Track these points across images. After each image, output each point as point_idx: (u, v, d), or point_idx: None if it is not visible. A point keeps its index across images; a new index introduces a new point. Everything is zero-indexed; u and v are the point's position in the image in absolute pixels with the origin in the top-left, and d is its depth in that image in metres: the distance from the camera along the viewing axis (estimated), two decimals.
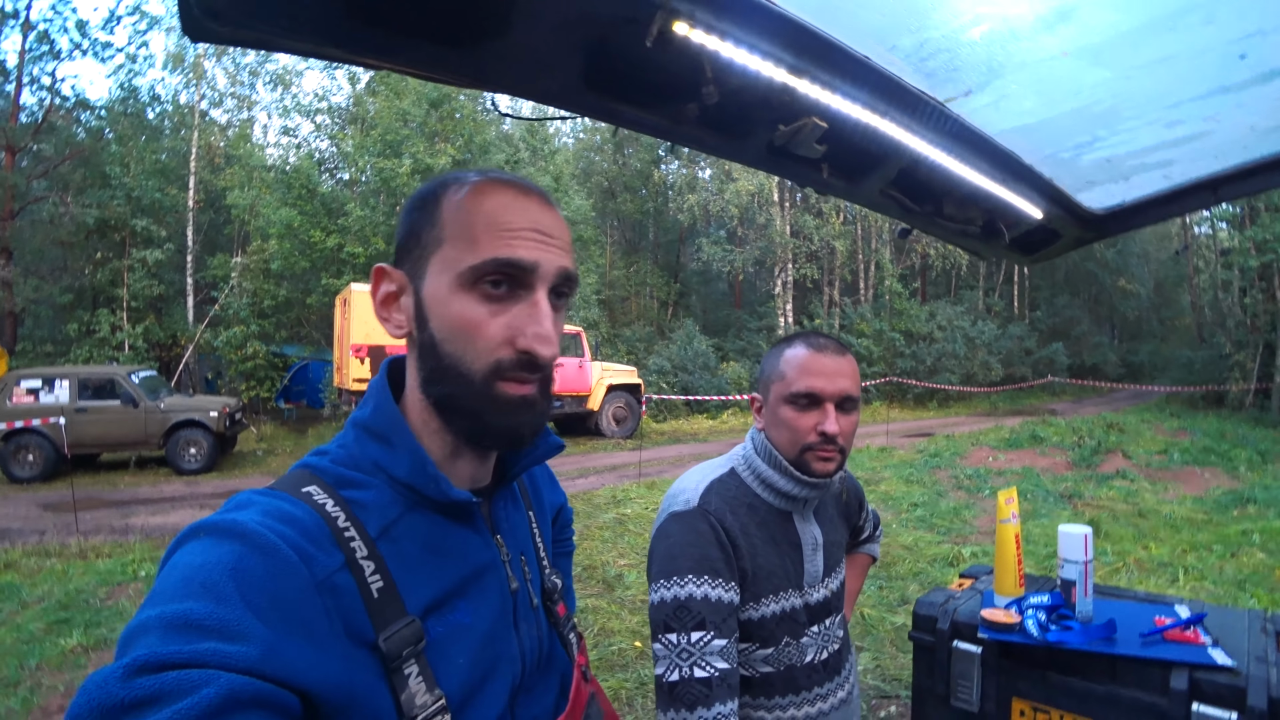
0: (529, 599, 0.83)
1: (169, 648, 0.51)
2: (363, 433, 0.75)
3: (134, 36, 17.86)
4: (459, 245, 0.70)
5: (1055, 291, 32.88)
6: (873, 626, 4.42)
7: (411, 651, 0.64)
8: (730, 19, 1.08)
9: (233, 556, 0.57)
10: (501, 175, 0.75)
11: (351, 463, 0.72)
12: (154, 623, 0.53)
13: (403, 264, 0.75)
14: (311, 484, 0.68)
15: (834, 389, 1.23)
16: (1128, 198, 2.10)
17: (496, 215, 0.71)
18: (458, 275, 0.70)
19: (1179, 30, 1.20)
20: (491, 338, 0.70)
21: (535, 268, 0.71)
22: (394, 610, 0.65)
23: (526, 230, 0.71)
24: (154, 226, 16.22)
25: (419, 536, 0.71)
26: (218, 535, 0.59)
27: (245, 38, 1.00)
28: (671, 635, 1.14)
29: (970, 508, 7.74)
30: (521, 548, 0.85)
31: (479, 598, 0.74)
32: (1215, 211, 21.33)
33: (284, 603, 0.57)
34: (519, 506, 0.89)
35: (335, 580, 0.62)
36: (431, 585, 0.70)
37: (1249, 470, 9.63)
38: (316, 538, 0.63)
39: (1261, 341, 18.74)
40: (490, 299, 0.70)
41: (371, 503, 0.69)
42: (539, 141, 20.32)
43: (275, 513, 0.63)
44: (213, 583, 0.55)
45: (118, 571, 5.62)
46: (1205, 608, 1.87)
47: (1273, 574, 5.39)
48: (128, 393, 10.21)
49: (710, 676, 1.11)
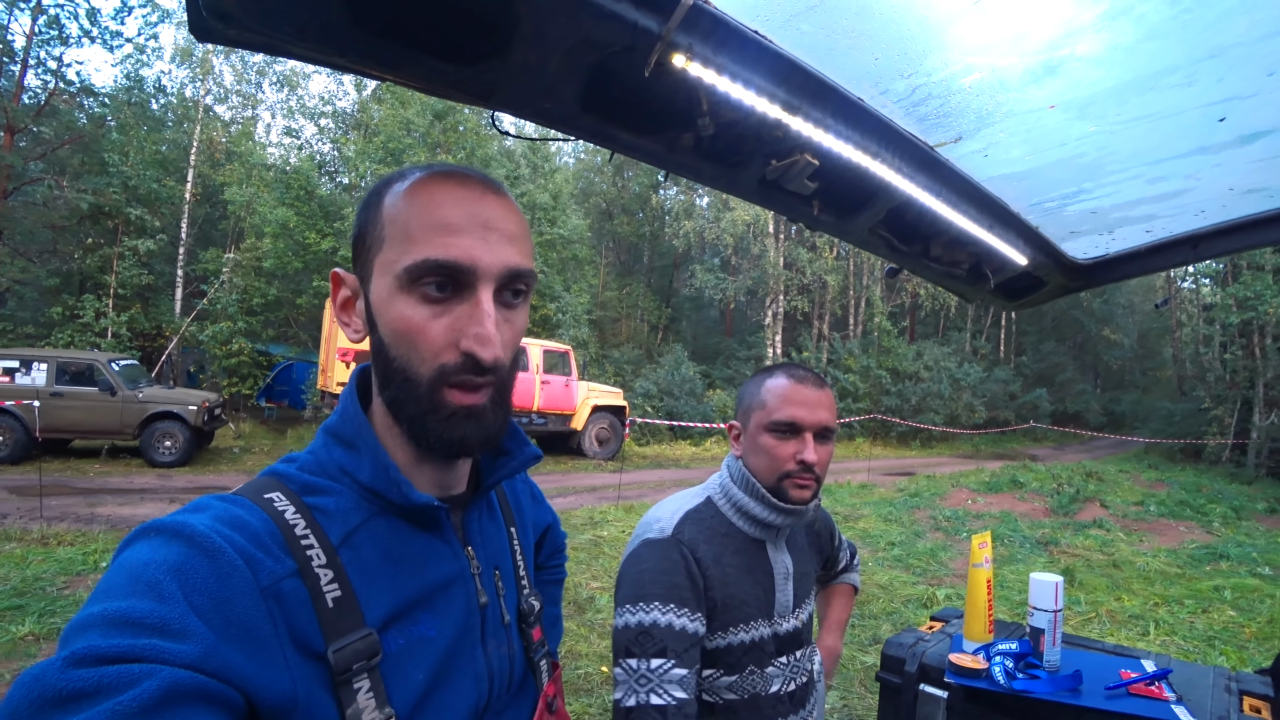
0: (500, 615, 0.80)
1: (110, 641, 0.50)
2: (331, 439, 0.74)
3: (144, 28, 17.72)
4: (397, 245, 0.68)
5: (1041, 337, 33.25)
6: (843, 665, 4.39)
7: (364, 666, 0.63)
8: (728, 54, 1.10)
9: (178, 558, 0.57)
10: (445, 167, 0.71)
11: (319, 469, 0.72)
12: (96, 619, 0.52)
13: (356, 267, 0.74)
14: (275, 490, 0.68)
15: (814, 419, 1.25)
16: (1111, 249, 2.14)
17: (433, 211, 0.67)
18: (396, 277, 0.67)
19: (1161, 90, 1.23)
20: (434, 341, 0.67)
21: (473, 269, 0.67)
22: (350, 621, 0.64)
23: (466, 225, 0.67)
24: (148, 216, 16.12)
25: (382, 543, 0.70)
26: (166, 536, 0.59)
27: (252, 40, 1.01)
28: (632, 660, 1.14)
29: (947, 549, 7.75)
30: (495, 561, 0.83)
31: (444, 610, 0.72)
32: (1199, 267, 21.77)
33: (226, 606, 0.56)
34: (496, 520, 0.87)
35: (282, 587, 0.61)
36: (393, 594, 0.69)
37: (1223, 525, 9.71)
38: (265, 543, 0.62)
39: (1240, 397, 19.05)
40: (431, 301, 0.67)
41: (335, 509, 0.69)
42: (540, 159, 20.48)
43: (226, 517, 0.62)
44: (156, 582, 0.55)
45: (78, 560, 5.51)
46: (1171, 663, 1.87)
47: (1242, 631, 5.41)
48: (106, 380, 10.07)
49: (666, 705, 1.10)
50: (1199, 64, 1.16)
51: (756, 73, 1.15)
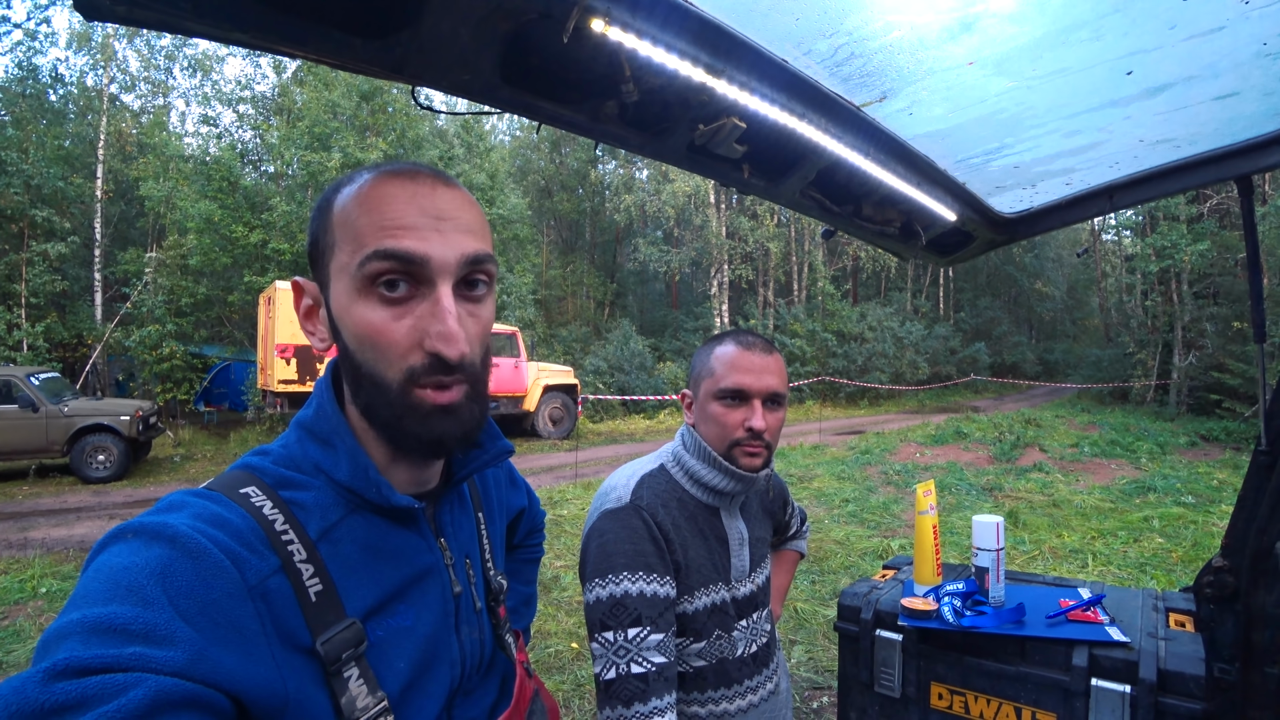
0: (472, 602, 0.82)
1: (92, 651, 0.48)
2: (305, 433, 0.73)
3: (33, 12, 16.45)
4: (348, 247, 0.66)
5: (978, 294, 34.51)
6: (806, 620, 4.53)
7: (352, 654, 0.64)
8: (646, 17, 1.08)
9: (161, 560, 0.55)
10: (394, 166, 0.70)
11: (293, 463, 0.71)
12: (76, 626, 0.50)
13: (314, 274, 0.73)
14: (250, 485, 0.67)
15: (761, 386, 1.26)
16: (1034, 203, 2.21)
17: (383, 210, 0.66)
18: (352, 279, 0.66)
19: (1072, 45, 1.26)
20: (398, 344, 0.66)
21: (426, 260, 0.65)
22: (333, 613, 0.64)
23: (416, 219, 0.66)
24: (56, 218, 15.19)
25: (360, 539, 0.70)
26: (146, 537, 0.57)
27: (144, 18, 0.93)
28: (608, 634, 1.14)
29: (899, 502, 8.03)
30: (466, 550, 0.84)
31: (420, 601, 0.73)
32: (1119, 219, 22.88)
33: (213, 607, 0.55)
34: (466, 509, 0.88)
35: (269, 584, 0.60)
36: (372, 588, 0.69)
37: (1150, 461, 10.35)
38: (250, 541, 0.61)
39: (1161, 341, 20.25)
40: (389, 302, 0.66)
41: (312, 504, 0.68)
42: (474, 138, 19.98)
43: (207, 515, 0.61)
44: (139, 586, 0.53)
45: (14, 589, 5.22)
46: (1105, 589, 1.99)
47: (1170, 556, 5.80)
48: (26, 395, 9.49)
49: (647, 672, 1.11)
50: (1105, 18, 1.19)
51: (677, 36, 1.14)
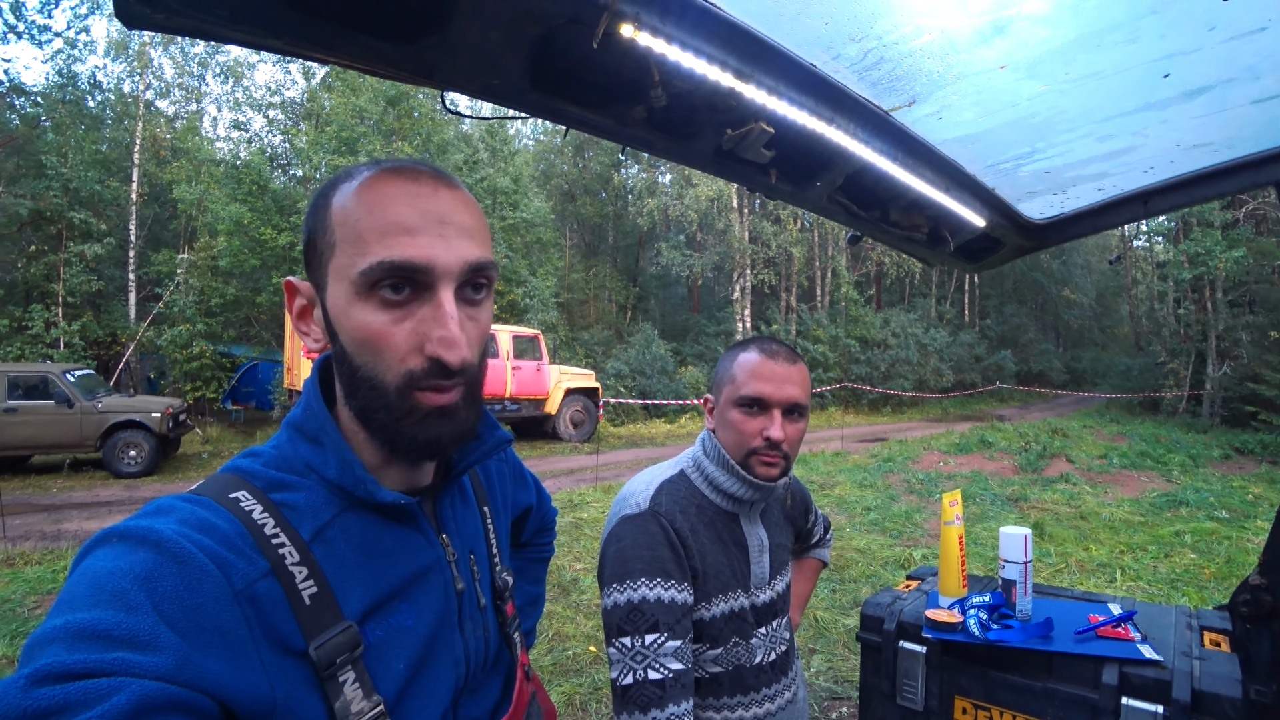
0: (476, 599, 0.81)
1: (75, 656, 0.48)
2: (296, 433, 0.73)
3: (73, 21, 16.89)
4: (348, 250, 0.65)
5: (1004, 300, 33.97)
6: (826, 629, 4.48)
7: (347, 659, 0.63)
8: (675, 23, 1.08)
9: (145, 565, 0.55)
10: (393, 163, 0.69)
11: (284, 464, 0.71)
12: (60, 632, 0.50)
13: (309, 273, 0.72)
14: (240, 489, 0.66)
15: (781, 395, 1.24)
16: (1066, 208, 2.17)
17: (385, 211, 0.65)
18: (352, 283, 0.65)
19: (1106, 47, 1.24)
20: (398, 347, 0.65)
21: (431, 268, 0.65)
22: (329, 616, 0.63)
23: (419, 223, 0.65)
24: (93, 220, 15.54)
25: (355, 537, 0.69)
26: (131, 542, 0.57)
27: (182, 25, 0.96)
28: (625, 639, 1.14)
29: (921, 511, 7.92)
30: (470, 546, 0.83)
31: (421, 599, 0.73)
32: (1151, 225, 22.41)
33: (199, 613, 0.55)
34: (469, 503, 0.87)
35: (257, 589, 0.60)
36: (370, 587, 0.68)
37: (1181, 473, 10.09)
38: (237, 545, 0.61)
39: (1194, 350, 19.74)
40: (391, 305, 0.65)
41: (304, 505, 0.68)
42: (499, 142, 20.13)
43: (193, 520, 0.60)
44: (123, 591, 0.53)
45: (47, 579, 5.36)
46: (1136, 605, 1.94)
47: (1202, 572, 5.64)
48: (62, 392, 9.73)
49: (664, 678, 1.10)
50: (1142, 20, 1.17)
51: (706, 40, 1.13)
